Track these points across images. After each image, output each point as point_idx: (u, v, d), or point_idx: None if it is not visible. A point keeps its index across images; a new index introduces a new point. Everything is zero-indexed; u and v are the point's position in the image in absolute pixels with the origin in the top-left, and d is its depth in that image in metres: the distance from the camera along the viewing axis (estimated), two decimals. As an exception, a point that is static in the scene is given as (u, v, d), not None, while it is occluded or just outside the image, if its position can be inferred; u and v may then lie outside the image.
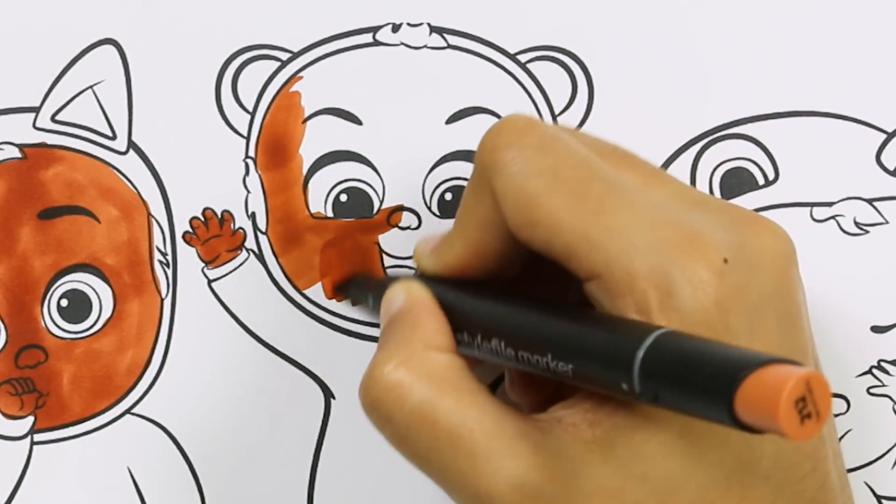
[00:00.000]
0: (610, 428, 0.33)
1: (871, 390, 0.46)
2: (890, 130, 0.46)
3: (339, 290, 0.45)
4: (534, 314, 0.35)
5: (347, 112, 0.46)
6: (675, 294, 0.33)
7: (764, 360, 0.28)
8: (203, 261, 0.46)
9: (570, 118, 0.46)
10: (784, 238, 0.36)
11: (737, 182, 0.46)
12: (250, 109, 0.46)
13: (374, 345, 0.45)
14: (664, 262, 0.33)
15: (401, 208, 0.46)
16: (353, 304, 0.45)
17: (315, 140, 0.46)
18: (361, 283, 0.44)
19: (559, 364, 0.33)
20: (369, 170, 0.46)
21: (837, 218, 0.45)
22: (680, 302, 0.33)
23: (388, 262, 0.45)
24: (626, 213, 0.34)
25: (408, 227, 0.45)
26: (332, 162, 0.46)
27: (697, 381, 0.29)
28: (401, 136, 0.46)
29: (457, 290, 0.39)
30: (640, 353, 0.31)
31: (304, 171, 0.46)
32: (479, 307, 0.37)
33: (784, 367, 0.28)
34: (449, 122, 0.46)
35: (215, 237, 0.46)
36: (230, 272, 0.46)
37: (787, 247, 0.36)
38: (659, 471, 0.33)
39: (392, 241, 0.45)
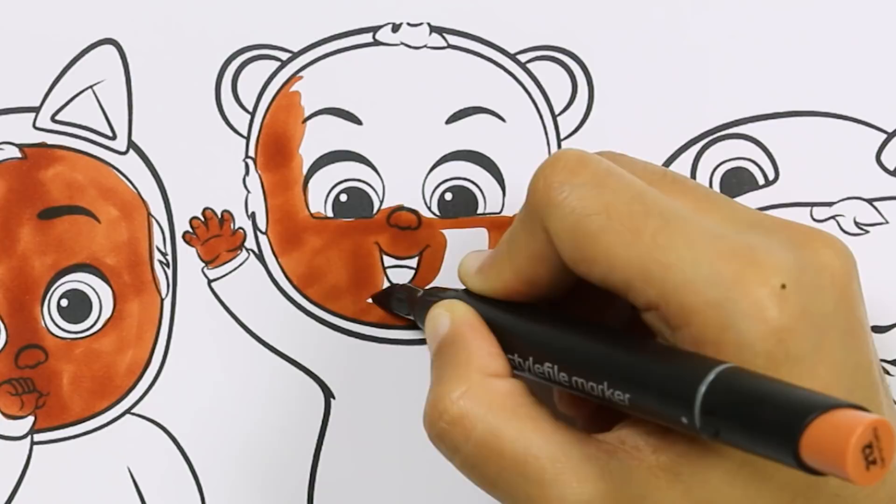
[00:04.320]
0: (674, 455, 0.34)
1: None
2: (890, 130, 0.46)
3: (377, 301, 0.45)
4: (590, 341, 0.35)
5: (347, 112, 0.46)
6: (730, 327, 0.33)
7: (830, 405, 0.28)
8: (203, 261, 0.46)
9: (570, 118, 0.46)
10: (843, 253, 0.35)
11: (737, 182, 0.46)
12: (250, 109, 0.46)
13: (373, 345, 0.45)
14: (719, 296, 0.33)
15: (401, 208, 0.46)
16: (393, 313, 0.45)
17: (315, 140, 0.46)
18: (401, 298, 0.44)
19: (615, 392, 0.33)
20: (369, 170, 0.46)
21: (837, 218, 0.45)
22: (736, 335, 0.33)
23: (387, 261, 0.45)
24: (680, 248, 0.34)
25: (408, 227, 0.45)
26: (332, 162, 0.46)
27: (761, 422, 0.29)
28: (401, 136, 0.46)
29: (506, 312, 0.38)
30: (703, 389, 0.30)
31: (304, 171, 0.46)
32: (532, 331, 0.37)
33: (851, 413, 0.27)
34: (449, 122, 0.46)
35: (215, 237, 0.46)
36: (230, 272, 0.46)
37: (846, 262, 0.35)
38: (725, 497, 0.33)
39: (392, 241, 0.45)
